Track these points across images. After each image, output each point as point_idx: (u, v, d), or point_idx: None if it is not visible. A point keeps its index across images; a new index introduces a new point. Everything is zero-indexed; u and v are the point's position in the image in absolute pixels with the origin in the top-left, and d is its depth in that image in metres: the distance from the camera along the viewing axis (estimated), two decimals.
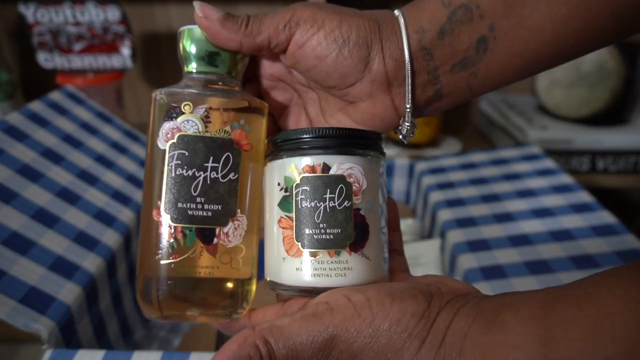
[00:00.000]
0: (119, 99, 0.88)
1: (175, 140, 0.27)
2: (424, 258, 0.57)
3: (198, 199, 0.27)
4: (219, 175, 0.27)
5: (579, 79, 0.88)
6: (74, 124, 0.55)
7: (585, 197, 0.56)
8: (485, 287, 0.44)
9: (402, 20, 0.27)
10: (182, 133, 0.27)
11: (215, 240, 0.27)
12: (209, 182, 0.27)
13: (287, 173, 0.27)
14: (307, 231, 0.26)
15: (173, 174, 0.27)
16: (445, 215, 0.57)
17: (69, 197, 0.47)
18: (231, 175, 0.27)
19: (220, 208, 0.27)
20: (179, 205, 0.26)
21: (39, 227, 0.42)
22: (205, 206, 0.27)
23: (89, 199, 0.48)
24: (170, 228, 0.26)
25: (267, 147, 0.29)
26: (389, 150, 0.90)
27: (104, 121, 0.59)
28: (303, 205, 0.27)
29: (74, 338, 0.39)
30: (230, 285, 0.28)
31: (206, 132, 0.27)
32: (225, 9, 0.29)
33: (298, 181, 0.27)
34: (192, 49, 0.28)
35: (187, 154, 0.27)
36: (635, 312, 0.18)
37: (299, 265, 0.27)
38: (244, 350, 0.22)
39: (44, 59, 0.82)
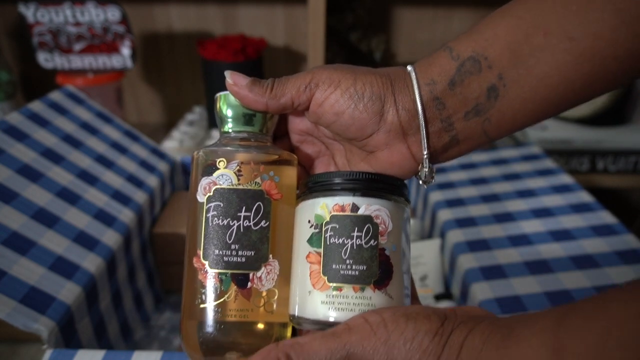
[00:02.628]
0: (119, 99, 0.88)
1: (211, 193, 0.29)
2: (424, 258, 0.57)
3: (233, 246, 0.29)
4: (251, 224, 0.29)
5: None
6: (74, 124, 0.55)
7: (585, 197, 0.56)
8: (485, 287, 0.44)
9: (413, 74, 0.29)
10: (217, 186, 0.29)
11: (249, 284, 0.29)
12: (242, 230, 0.29)
13: (318, 211, 0.29)
14: (334, 266, 0.28)
15: (210, 224, 0.29)
16: (445, 215, 0.57)
17: (69, 197, 0.47)
18: (262, 223, 0.29)
19: (253, 254, 0.29)
20: (216, 252, 0.29)
21: (39, 227, 0.42)
22: (240, 252, 0.29)
23: (89, 199, 0.48)
24: (208, 274, 0.29)
25: (300, 189, 0.31)
26: None
27: (104, 121, 0.59)
28: (331, 242, 0.28)
29: (74, 338, 0.39)
30: (265, 328, 0.29)
31: (239, 184, 0.29)
32: (225, 8, 0.29)
33: (328, 219, 0.28)
34: (228, 112, 0.32)
35: (222, 205, 0.29)
36: None
37: (324, 299, 0.28)
38: None
39: (44, 59, 0.82)
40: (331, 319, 0.27)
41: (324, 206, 0.29)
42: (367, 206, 0.28)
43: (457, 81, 0.28)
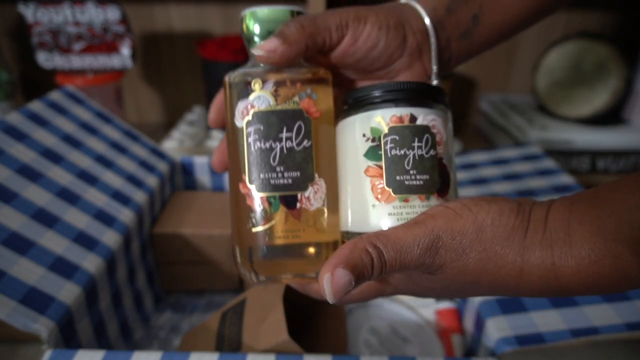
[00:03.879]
0: (119, 99, 0.88)
1: (250, 117, 0.29)
2: None
3: (278, 169, 0.29)
4: (294, 144, 0.29)
5: (579, 79, 0.88)
6: (74, 123, 0.55)
7: None
8: None
9: (418, 5, 0.34)
10: (255, 109, 0.29)
11: (298, 205, 0.29)
12: (285, 151, 0.29)
13: (373, 124, 0.29)
14: (397, 177, 0.28)
15: (252, 149, 0.29)
16: None
17: (68, 197, 0.46)
18: (305, 143, 0.29)
19: (299, 175, 0.29)
20: (262, 176, 0.29)
21: (38, 227, 0.42)
22: (285, 174, 0.29)
23: (88, 199, 0.48)
24: (256, 198, 0.29)
25: (341, 105, 0.32)
26: None
27: (104, 121, 0.59)
28: (393, 153, 0.28)
29: (73, 338, 0.39)
30: (316, 247, 0.29)
31: (277, 105, 0.29)
32: (225, 8, 0.30)
33: (387, 131, 0.28)
34: (256, 29, 0.31)
35: (262, 128, 0.29)
36: None
37: (392, 211, 0.28)
38: (356, 254, 0.24)
39: (44, 59, 0.82)
40: None
41: (380, 119, 0.28)
42: (425, 116, 0.28)
43: (452, 8, 0.34)
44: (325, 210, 0.30)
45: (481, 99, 1.04)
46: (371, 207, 0.28)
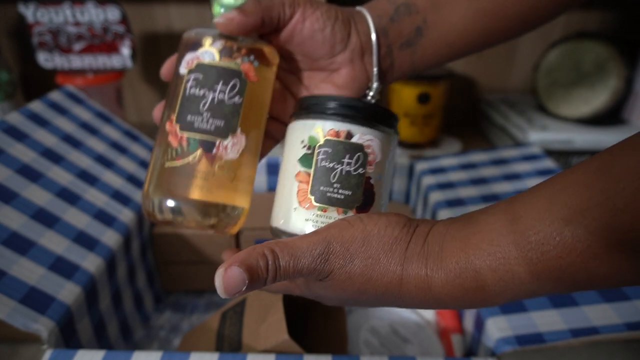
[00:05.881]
0: (119, 99, 0.88)
1: (193, 67, 0.31)
2: None
3: (205, 114, 0.30)
4: (225, 97, 0.31)
5: (579, 79, 0.88)
6: (74, 123, 0.55)
7: None
8: None
9: (365, 11, 0.36)
10: (199, 61, 0.31)
11: (214, 150, 0.30)
12: (215, 101, 0.30)
13: (312, 133, 0.30)
14: (321, 188, 0.29)
15: (187, 93, 0.31)
16: (445, 215, 0.57)
17: (69, 197, 0.46)
18: (236, 99, 0.31)
19: (222, 124, 0.30)
20: (188, 118, 0.30)
21: (38, 227, 0.42)
22: (210, 121, 0.30)
23: (89, 199, 0.48)
24: (178, 136, 0.30)
25: (295, 108, 0.34)
26: None
27: (104, 121, 0.59)
28: (322, 164, 0.29)
29: (73, 338, 0.39)
30: (223, 194, 0.30)
31: (220, 61, 0.31)
32: None
33: (322, 142, 0.30)
34: (221, 10, 0.32)
35: (201, 77, 0.31)
36: (584, 183, 0.22)
37: (309, 217, 0.29)
38: (253, 256, 0.26)
39: (44, 59, 0.82)
40: None
41: (319, 129, 0.30)
42: (362, 135, 0.30)
43: (395, 18, 0.36)
44: (241, 163, 0.31)
45: (481, 99, 1.04)
46: (293, 209, 0.30)
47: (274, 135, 0.38)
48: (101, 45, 0.81)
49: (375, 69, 0.36)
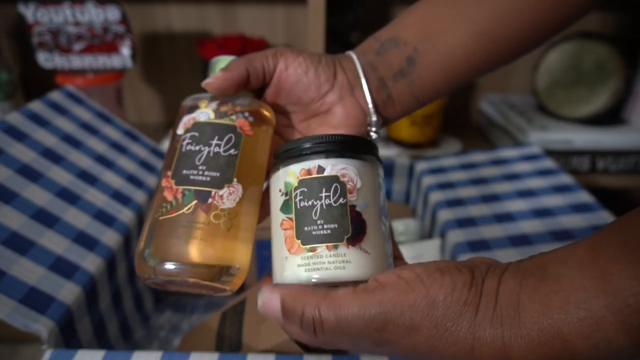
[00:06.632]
0: (119, 99, 0.88)
1: (190, 127, 0.32)
2: (424, 258, 0.57)
3: (200, 167, 0.30)
4: (221, 150, 0.31)
5: (579, 79, 0.88)
6: (74, 123, 0.55)
7: (585, 197, 0.56)
8: None
9: (349, 52, 0.37)
10: (195, 120, 0.32)
11: (209, 200, 0.29)
12: (211, 154, 0.31)
13: (287, 179, 0.30)
14: (305, 228, 0.28)
15: (183, 150, 0.31)
16: (445, 215, 0.57)
17: (68, 197, 0.46)
18: (232, 151, 0.31)
19: (218, 175, 0.30)
20: (184, 172, 0.30)
21: (38, 227, 0.42)
22: (206, 173, 0.30)
23: (88, 199, 0.48)
24: (173, 189, 0.30)
25: (271, 163, 0.33)
26: (389, 151, 0.90)
27: (104, 121, 0.59)
28: (301, 205, 0.28)
29: (73, 338, 0.39)
30: (220, 247, 0.29)
31: (215, 119, 0.32)
32: (225, 8, 0.30)
33: (296, 184, 0.29)
34: (216, 69, 0.34)
35: (197, 134, 0.31)
36: None
37: (300, 262, 0.28)
38: (298, 308, 0.25)
39: (44, 59, 0.82)
40: (313, 280, 0.27)
41: (291, 173, 0.29)
42: (333, 166, 0.29)
43: (381, 52, 0.36)
44: (236, 212, 0.30)
45: (481, 99, 1.04)
46: (284, 259, 0.28)
47: None
48: (101, 45, 0.81)
49: (369, 100, 0.36)
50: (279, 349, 0.37)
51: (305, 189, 0.28)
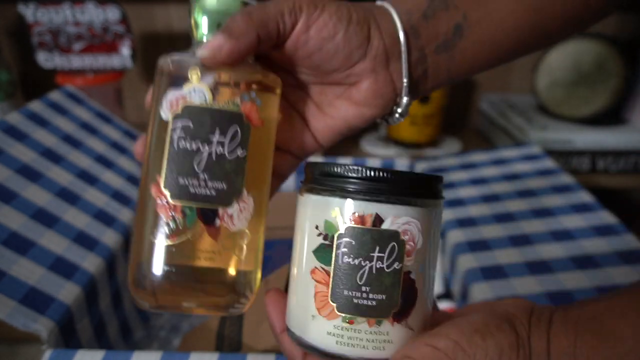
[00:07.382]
0: (119, 99, 0.88)
1: (179, 111, 0.25)
2: None
3: (201, 176, 0.24)
4: (226, 151, 0.25)
5: (579, 79, 0.88)
6: (74, 123, 0.55)
7: (585, 197, 0.56)
8: (485, 287, 0.44)
9: (389, 6, 0.29)
10: (187, 103, 0.25)
11: (217, 222, 0.24)
12: (214, 157, 0.25)
13: (329, 217, 0.23)
14: (345, 292, 0.23)
15: (175, 147, 0.24)
16: (445, 215, 0.57)
17: (68, 197, 0.46)
18: (239, 152, 0.25)
19: (225, 187, 0.25)
20: (180, 181, 0.24)
21: (38, 227, 0.42)
22: (209, 183, 0.24)
23: (88, 199, 0.48)
24: (169, 206, 0.24)
25: (306, 176, 0.26)
26: (389, 150, 0.90)
27: (104, 121, 0.59)
28: (345, 261, 0.23)
29: (73, 338, 0.39)
30: (232, 275, 0.25)
31: (213, 103, 0.25)
32: None
33: (342, 231, 0.23)
34: (203, 21, 0.27)
35: (191, 126, 0.24)
36: None
37: (331, 330, 0.23)
38: None
39: (44, 58, 0.82)
40: (338, 353, 0.23)
41: (337, 212, 0.23)
42: (395, 218, 0.23)
43: (429, 14, 0.29)
44: (249, 234, 0.25)
45: (481, 99, 1.04)
46: (311, 317, 0.24)
47: (279, 172, 0.31)
48: (101, 45, 0.81)
49: (405, 80, 0.29)
50: (279, 349, 0.37)
51: (354, 242, 0.23)
